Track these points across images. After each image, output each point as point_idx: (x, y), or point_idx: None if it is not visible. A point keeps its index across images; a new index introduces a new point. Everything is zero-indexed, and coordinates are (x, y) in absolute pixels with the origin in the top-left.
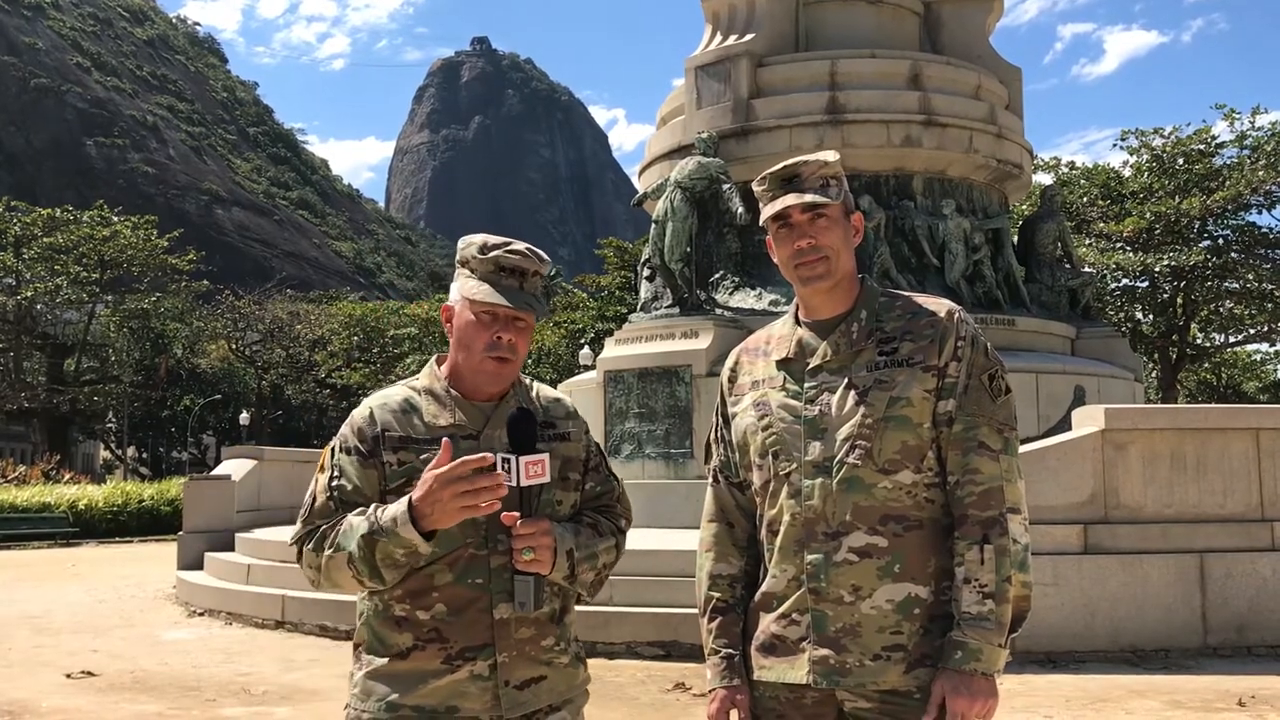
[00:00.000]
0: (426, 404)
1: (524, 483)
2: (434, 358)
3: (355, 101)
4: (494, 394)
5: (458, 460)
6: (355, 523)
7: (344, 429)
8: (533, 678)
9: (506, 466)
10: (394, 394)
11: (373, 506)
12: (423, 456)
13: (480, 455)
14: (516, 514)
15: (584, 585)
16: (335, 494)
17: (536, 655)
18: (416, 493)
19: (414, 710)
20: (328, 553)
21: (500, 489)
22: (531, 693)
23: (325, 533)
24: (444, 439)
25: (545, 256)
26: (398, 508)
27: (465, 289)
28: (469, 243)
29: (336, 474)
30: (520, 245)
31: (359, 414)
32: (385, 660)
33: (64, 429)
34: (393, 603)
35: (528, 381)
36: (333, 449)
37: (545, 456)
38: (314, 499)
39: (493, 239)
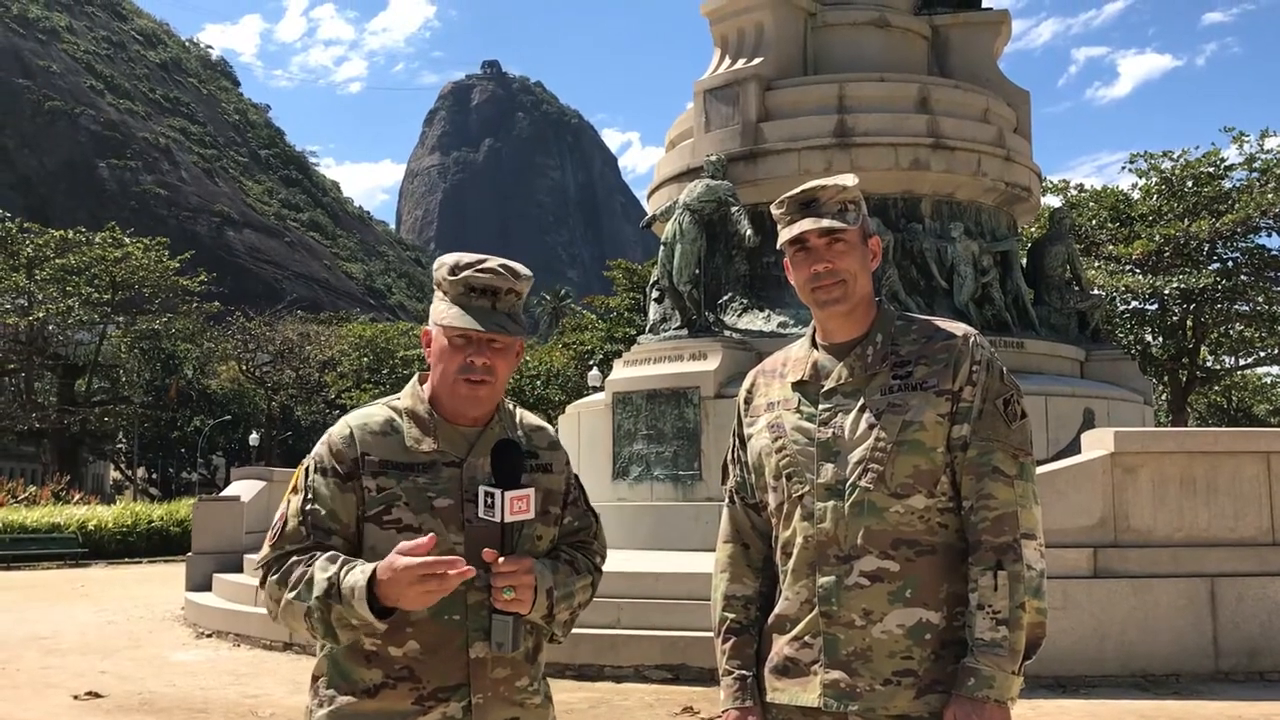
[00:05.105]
0: (409, 427)
1: (508, 519)
2: (416, 376)
3: (371, 124)
4: (476, 418)
5: (428, 560)
6: (318, 577)
7: (320, 447)
8: (507, 719)
9: (490, 500)
10: (375, 414)
11: (339, 561)
12: (403, 483)
13: (458, 566)
14: (496, 551)
15: (559, 625)
16: (308, 518)
17: (510, 696)
18: (382, 573)
19: None
20: (289, 595)
21: (466, 573)
22: None
23: (293, 565)
24: (429, 534)
25: (523, 271)
26: (358, 580)
27: (436, 314)
28: (440, 264)
29: (310, 496)
30: (493, 262)
31: (337, 433)
32: (351, 698)
33: (74, 449)
34: (363, 636)
35: (511, 407)
36: (307, 468)
37: (530, 492)
38: (285, 522)
39: (465, 258)
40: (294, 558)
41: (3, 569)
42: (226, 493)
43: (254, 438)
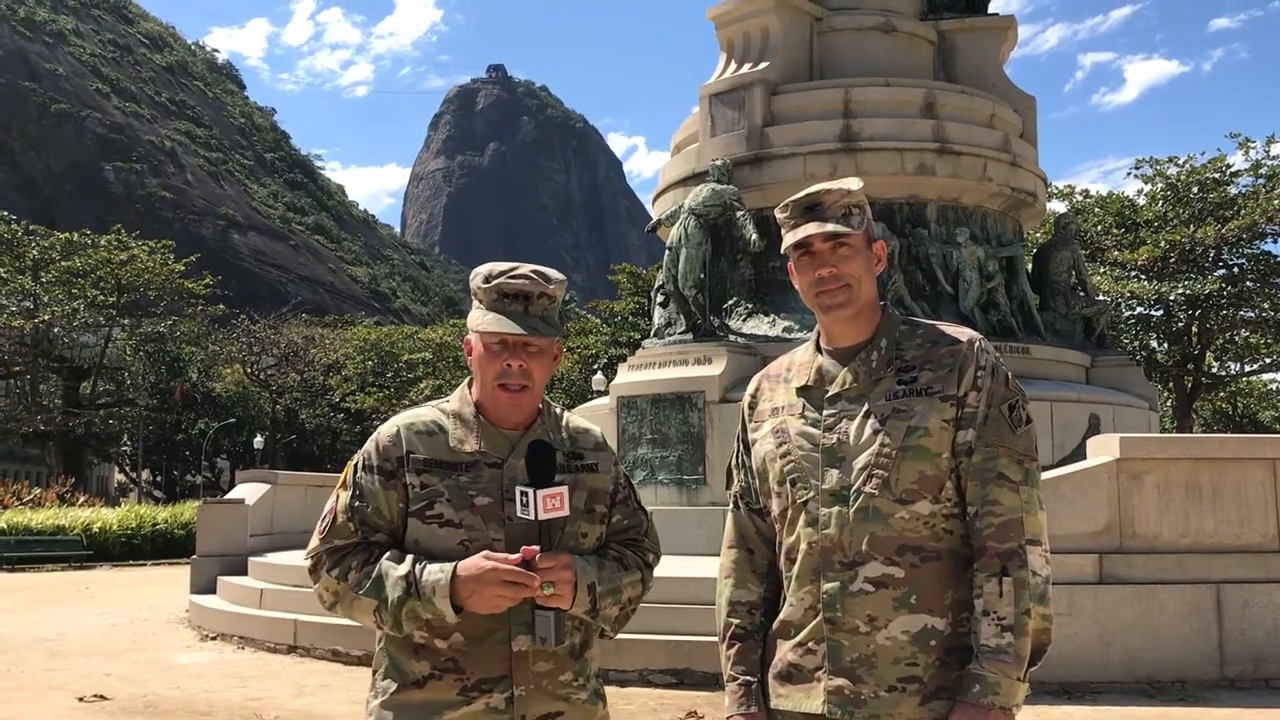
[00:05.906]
0: (454, 428)
1: (542, 516)
2: (466, 381)
3: (377, 128)
4: (518, 422)
5: (516, 569)
6: (391, 576)
7: (369, 445)
8: (550, 713)
9: (525, 499)
10: (423, 415)
11: (409, 560)
12: (446, 481)
13: (535, 583)
14: (536, 547)
15: (607, 620)
16: (356, 515)
17: (554, 690)
18: (465, 570)
19: None
20: (353, 594)
21: (534, 588)
22: None
23: (346, 558)
24: (525, 547)
25: (555, 275)
26: (439, 578)
27: (473, 321)
28: (476, 274)
29: (357, 493)
30: (525, 269)
31: (385, 432)
32: (401, 688)
33: (79, 452)
34: (412, 629)
35: (559, 410)
36: (356, 465)
37: (563, 490)
38: (334, 516)
39: (499, 266)
40: (345, 552)
41: (7, 571)
42: (231, 496)
43: (258, 441)
